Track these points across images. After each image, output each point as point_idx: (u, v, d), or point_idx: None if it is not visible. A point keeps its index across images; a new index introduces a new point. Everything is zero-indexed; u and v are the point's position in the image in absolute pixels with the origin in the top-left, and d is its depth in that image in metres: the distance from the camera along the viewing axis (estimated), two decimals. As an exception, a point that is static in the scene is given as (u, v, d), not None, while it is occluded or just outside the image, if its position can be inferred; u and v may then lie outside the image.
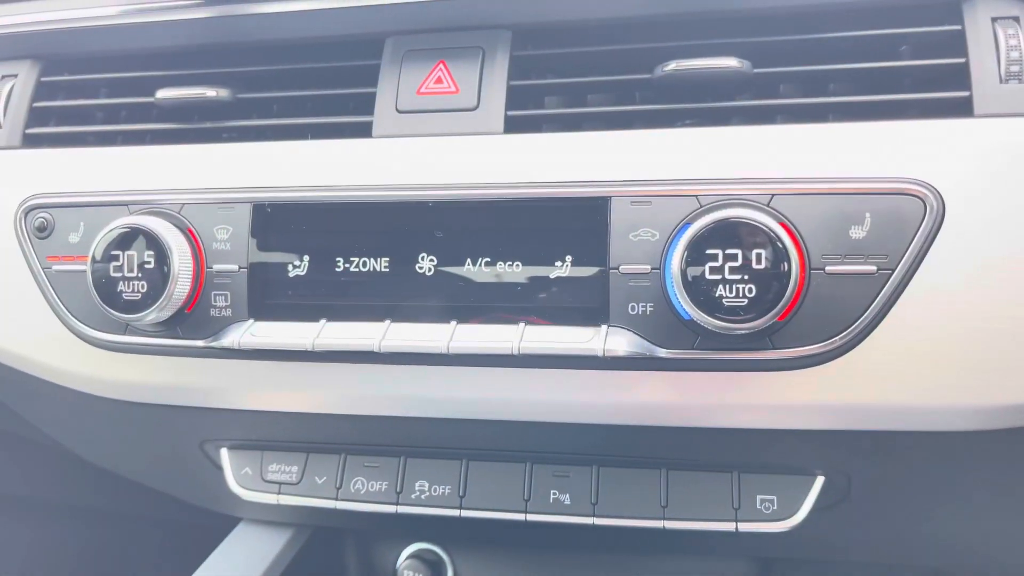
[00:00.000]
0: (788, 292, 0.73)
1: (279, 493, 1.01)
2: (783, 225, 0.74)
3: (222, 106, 0.95)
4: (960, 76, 0.79)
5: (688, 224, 0.76)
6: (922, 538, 1.03)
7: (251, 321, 0.87)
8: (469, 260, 0.83)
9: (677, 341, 0.78)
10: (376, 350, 0.82)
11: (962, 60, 0.79)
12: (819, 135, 0.78)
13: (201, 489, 1.13)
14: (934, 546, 1.05)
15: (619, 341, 0.78)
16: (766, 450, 0.88)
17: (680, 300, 0.75)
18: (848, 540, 1.02)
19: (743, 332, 0.74)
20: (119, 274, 0.86)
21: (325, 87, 0.95)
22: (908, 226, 0.74)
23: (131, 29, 0.99)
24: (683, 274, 0.74)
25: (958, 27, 0.80)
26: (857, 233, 0.74)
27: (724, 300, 0.73)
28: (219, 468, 1.04)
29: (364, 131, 0.90)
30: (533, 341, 0.79)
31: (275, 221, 0.87)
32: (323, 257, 0.87)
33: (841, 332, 0.75)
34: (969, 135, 0.76)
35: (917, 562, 1.10)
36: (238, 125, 0.96)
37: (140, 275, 0.86)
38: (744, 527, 0.89)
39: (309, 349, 0.83)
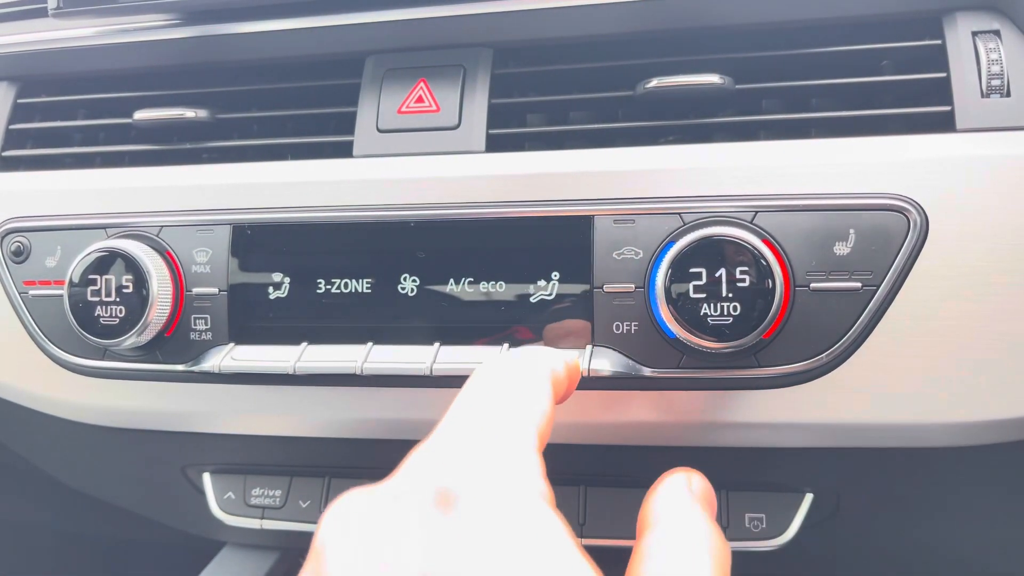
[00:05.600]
0: (773, 310, 0.72)
1: (263, 518, 0.99)
2: (767, 242, 0.74)
3: (201, 127, 0.94)
4: (942, 91, 0.79)
5: (672, 242, 0.75)
6: (913, 554, 1.02)
7: (232, 345, 0.86)
8: (452, 280, 0.82)
9: (662, 360, 0.77)
10: (358, 372, 0.81)
11: (943, 75, 0.79)
12: (802, 151, 0.78)
13: (184, 514, 1.11)
14: (925, 561, 1.05)
15: (604, 361, 0.77)
16: (754, 468, 0.87)
17: (665, 319, 0.74)
18: (839, 557, 1.01)
19: (728, 350, 0.74)
20: (97, 298, 0.85)
21: (305, 107, 0.94)
22: (892, 242, 0.74)
23: (109, 50, 0.98)
24: (667, 292, 0.74)
25: (938, 42, 0.80)
26: (841, 249, 0.74)
27: (709, 318, 0.73)
28: (201, 493, 1.02)
29: (345, 151, 0.89)
30: (517, 362, 0.78)
31: (255, 243, 0.86)
32: (304, 279, 0.86)
33: (827, 349, 0.75)
34: (951, 150, 0.75)
35: (909, 577, 1.10)
36: (217, 146, 0.95)
37: (118, 299, 0.85)
38: (733, 546, 0.86)
39: (290, 372, 0.82)
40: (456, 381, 0.80)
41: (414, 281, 0.83)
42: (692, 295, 0.73)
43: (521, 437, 0.48)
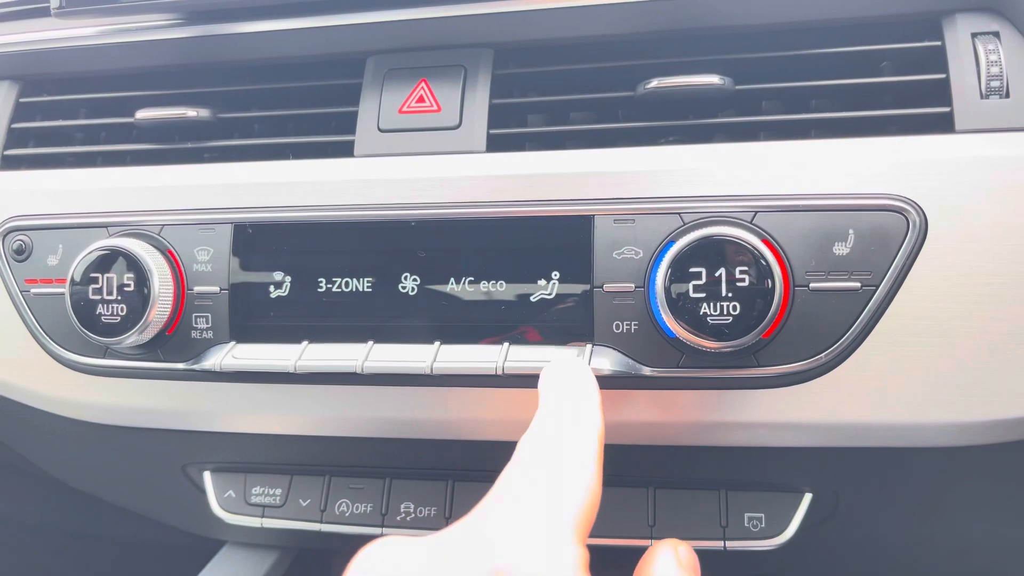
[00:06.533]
0: (772, 309, 0.72)
1: (263, 516, 1.00)
2: (766, 242, 0.74)
3: (202, 126, 0.94)
4: (941, 92, 0.79)
5: (672, 242, 0.76)
6: (912, 553, 1.02)
7: (233, 343, 0.86)
8: (452, 279, 0.83)
9: (662, 359, 0.78)
10: (359, 371, 0.81)
11: (943, 76, 0.79)
12: (801, 152, 0.78)
13: (184, 513, 1.12)
14: (924, 561, 1.05)
15: (604, 360, 0.77)
16: (753, 468, 0.87)
17: (665, 318, 0.75)
18: (838, 556, 1.01)
19: (728, 350, 0.74)
20: (98, 297, 0.85)
21: (306, 106, 0.94)
22: (891, 242, 0.74)
23: (111, 49, 0.98)
24: (667, 292, 0.74)
25: (938, 43, 0.80)
26: (840, 249, 0.74)
27: (709, 318, 0.73)
28: (202, 491, 1.02)
29: (346, 150, 0.89)
30: (517, 360, 0.78)
31: (256, 242, 0.87)
32: (305, 278, 0.86)
33: (826, 349, 0.75)
34: (950, 151, 0.76)
35: (907, 577, 1.10)
36: (219, 145, 0.95)
37: (120, 298, 0.85)
38: (732, 545, 0.89)
39: (291, 371, 0.82)
40: (456, 380, 0.82)
41: (415, 280, 0.83)
42: (692, 295, 0.73)
43: (565, 528, 0.50)
